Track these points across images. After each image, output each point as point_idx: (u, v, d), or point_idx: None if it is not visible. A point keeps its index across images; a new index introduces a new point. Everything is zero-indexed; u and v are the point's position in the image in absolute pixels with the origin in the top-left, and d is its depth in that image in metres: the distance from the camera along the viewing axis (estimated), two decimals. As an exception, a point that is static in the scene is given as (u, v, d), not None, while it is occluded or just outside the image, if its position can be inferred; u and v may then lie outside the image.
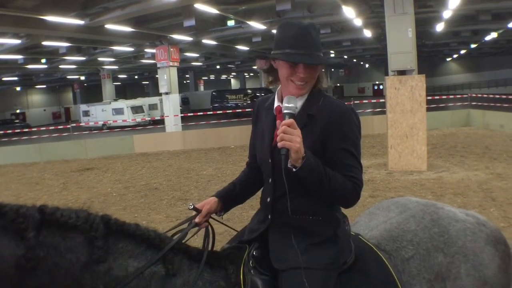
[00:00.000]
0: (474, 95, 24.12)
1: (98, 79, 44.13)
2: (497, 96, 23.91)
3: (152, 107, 43.71)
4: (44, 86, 58.95)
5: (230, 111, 31.68)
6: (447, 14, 20.54)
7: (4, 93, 54.31)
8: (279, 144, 1.96)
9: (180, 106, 28.96)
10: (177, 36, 22.93)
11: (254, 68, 49.92)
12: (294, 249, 2.15)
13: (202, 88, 69.55)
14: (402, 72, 11.63)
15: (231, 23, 21.19)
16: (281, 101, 2.20)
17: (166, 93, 24.18)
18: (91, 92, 54.87)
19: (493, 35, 30.15)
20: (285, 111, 2.05)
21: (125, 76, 54.69)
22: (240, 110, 30.31)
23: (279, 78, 2.23)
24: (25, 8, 14.88)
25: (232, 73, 72.22)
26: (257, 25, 21.64)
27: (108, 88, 42.70)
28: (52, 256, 1.82)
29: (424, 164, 11.66)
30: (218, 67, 52.98)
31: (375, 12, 20.60)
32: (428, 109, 21.79)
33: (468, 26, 26.79)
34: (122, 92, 62.57)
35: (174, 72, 24.37)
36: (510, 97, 22.57)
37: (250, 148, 2.55)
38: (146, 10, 16.48)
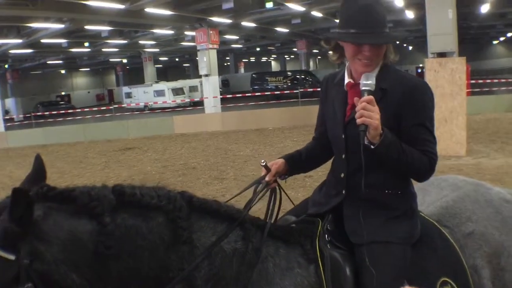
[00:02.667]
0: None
1: (140, 62, 44.88)
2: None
3: (193, 89, 44.14)
4: (88, 69, 60.40)
5: (269, 93, 31.65)
6: (492, -5, 19.90)
7: (49, 76, 55.96)
8: (359, 121, 1.96)
9: (220, 88, 29.21)
10: (216, 19, 23.05)
11: (295, 50, 49.51)
12: (371, 223, 2.14)
13: (242, 70, 69.66)
14: (442, 55, 11.38)
15: (269, 5, 21.09)
16: (351, 77, 2.23)
17: (206, 75, 24.42)
18: (134, 75, 55.88)
19: (542, 16, 28.98)
20: (364, 88, 2.05)
21: (166, 58, 55.36)
22: (279, 93, 30.20)
23: (345, 55, 2.22)
24: (68, -7, 15.34)
25: (273, 55, 71.95)
26: (296, 6, 21.51)
27: (149, 70, 43.41)
28: (134, 239, 1.78)
29: (463, 149, 11.44)
30: (258, 49, 52.91)
31: (418, -7, 20.13)
32: (472, 93, 21.24)
33: (515, 7, 25.86)
34: (164, 74, 63.39)
35: (213, 54, 24.56)
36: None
37: (318, 124, 2.55)
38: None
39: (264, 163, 2.38)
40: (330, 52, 2.30)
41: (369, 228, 2.12)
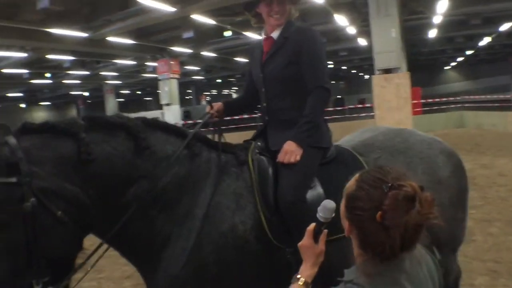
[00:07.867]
0: (467, 97, 24.56)
1: (101, 95, 44.60)
2: (489, 97, 24.36)
3: (154, 120, 44.09)
4: (49, 102, 59.80)
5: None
6: (437, 19, 20.86)
7: (8, 110, 54.78)
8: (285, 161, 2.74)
9: (182, 120, 29.46)
10: (177, 49, 23.59)
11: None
12: (285, 135, 2.82)
13: (204, 103, 70.00)
14: (387, 71, 12.23)
15: (228, 33, 21.84)
16: (266, 34, 3.03)
17: (167, 104, 24.85)
18: (95, 108, 55.41)
19: (487, 39, 30.35)
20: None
21: (128, 91, 55.40)
22: (238, 117, 30.58)
23: (263, 20, 3.00)
24: (31, 21, 15.58)
25: (233, 88, 72.84)
26: (253, 35, 22.24)
27: (111, 103, 43.15)
28: (107, 150, 2.34)
29: (411, 158, 12.10)
30: (219, 81, 53.60)
31: (367, 20, 21.00)
32: (424, 112, 22.18)
33: (460, 31, 27.07)
34: (125, 108, 63.00)
35: (174, 84, 25.03)
36: (501, 97, 23.05)
37: (246, 79, 3.32)
38: (146, 22, 17.08)
39: (209, 99, 3.19)
40: (252, 19, 3.11)
41: (283, 138, 2.82)
